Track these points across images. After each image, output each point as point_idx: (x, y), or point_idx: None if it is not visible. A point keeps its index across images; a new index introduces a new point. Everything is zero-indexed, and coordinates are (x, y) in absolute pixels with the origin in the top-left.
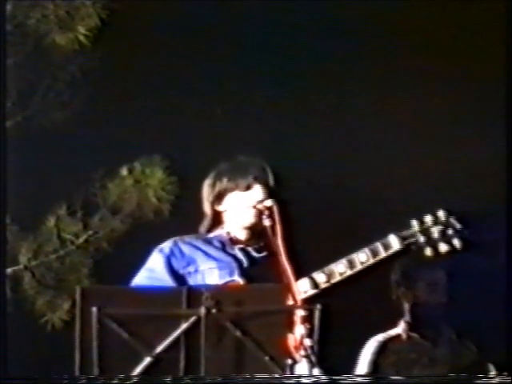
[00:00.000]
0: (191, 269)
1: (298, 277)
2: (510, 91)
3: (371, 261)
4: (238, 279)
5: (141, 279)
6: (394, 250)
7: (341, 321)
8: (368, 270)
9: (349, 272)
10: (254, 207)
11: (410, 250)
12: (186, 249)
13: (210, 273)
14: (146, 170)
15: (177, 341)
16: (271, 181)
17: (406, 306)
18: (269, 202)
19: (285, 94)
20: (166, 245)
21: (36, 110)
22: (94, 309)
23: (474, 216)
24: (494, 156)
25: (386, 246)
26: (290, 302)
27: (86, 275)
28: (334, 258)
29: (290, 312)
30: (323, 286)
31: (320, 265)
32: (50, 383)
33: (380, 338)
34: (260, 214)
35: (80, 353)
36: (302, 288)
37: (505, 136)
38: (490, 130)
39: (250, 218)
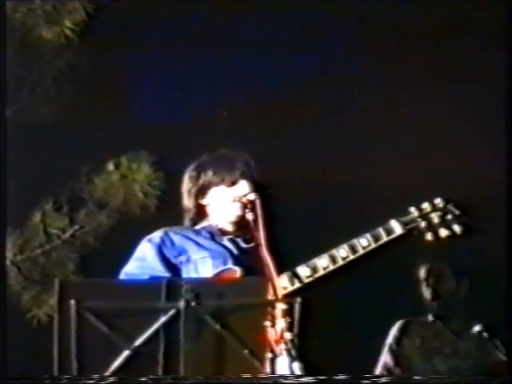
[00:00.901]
0: (183, 258)
1: (281, 270)
2: (510, 91)
3: (373, 245)
4: (235, 268)
5: (131, 269)
6: (396, 235)
7: (321, 314)
8: (349, 264)
9: (351, 257)
10: (238, 201)
11: (411, 234)
12: (176, 238)
13: (202, 262)
14: (133, 165)
15: (156, 334)
16: (255, 175)
17: (432, 297)
18: (251, 196)
19: (270, 88)
20: (156, 234)
21: (23, 104)
22: (73, 302)
23: (472, 204)
24: (493, 150)
25: (388, 231)
26: (271, 295)
27: (73, 270)
28: (319, 251)
29: (270, 306)
30: (323, 272)
31: (304, 258)
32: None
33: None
34: (244, 207)
35: (59, 346)
36: (301, 275)
37: (504, 130)
38: (489, 123)
39: (234, 212)
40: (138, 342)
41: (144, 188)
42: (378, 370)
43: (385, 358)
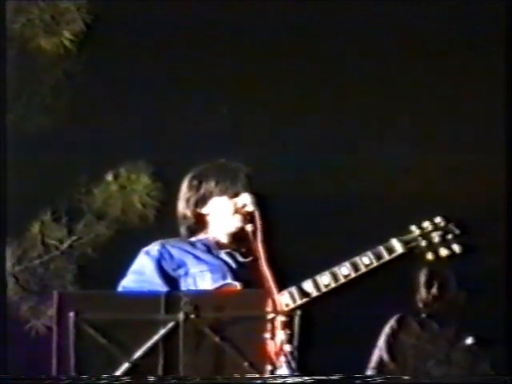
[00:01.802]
0: (181, 272)
1: (280, 284)
2: (510, 91)
3: (375, 264)
4: (234, 283)
5: (129, 283)
6: (397, 254)
7: (321, 327)
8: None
9: (353, 275)
10: (238, 212)
11: (412, 253)
12: (174, 251)
13: (201, 276)
14: (132, 176)
15: (155, 346)
16: (255, 187)
17: (426, 303)
18: (251, 208)
19: (271, 98)
20: (154, 247)
21: (21, 114)
22: (72, 314)
23: (471, 222)
24: (493, 161)
25: (390, 250)
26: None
27: (71, 281)
28: (319, 265)
29: (269, 318)
30: (325, 290)
31: (304, 271)
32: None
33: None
34: (243, 219)
35: (57, 358)
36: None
37: (504, 141)
38: (489, 134)
39: (234, 224)
40: (136, 355)
41: (143, 198)
42: (372, 365)
43: (380, 351)
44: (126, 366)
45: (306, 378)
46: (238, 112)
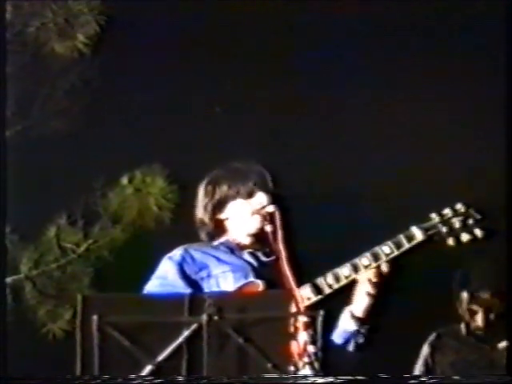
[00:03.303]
0: (204, 274)
1: (302, 282)
2: (510, 91)
3: (395, 253)
4: (257, 281)
5: (153, 287)
6: (417, 241)
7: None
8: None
9: (374, 265)
10: (257, 213)
11: (432, 240)
12: (196, 255)
13: (223, 276)
14: (147, 179)
15: (179, 348)
16: (271, 186)
17: (465, 309)
18: (270, 208)
19: (283, 98)
20: (177, 252)
21: (35, 119)
22: (95, 317)
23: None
24: (495, 156)
25: (410, 238)
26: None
27: (87, 284)
28: (340, 261)
29: (293, 318)
30: (345, 281)
31: (325, 269)
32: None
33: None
34: (263, 219)
35: (81, 362)
36: (324, 284)
37: (505, 132)
38: (490, 128)
39: (253, 225)
40: (160, 357)
41: (158, 201)
42: None
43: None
44: (149, 368)
45: (341, 378)
46: (253, 113)
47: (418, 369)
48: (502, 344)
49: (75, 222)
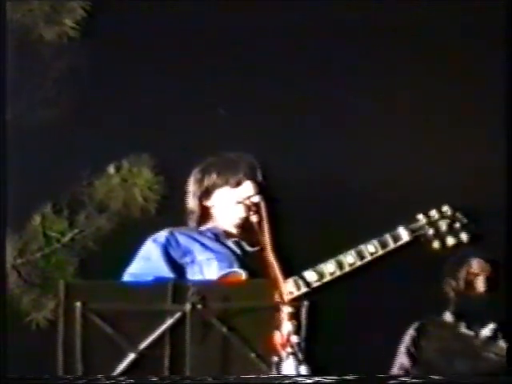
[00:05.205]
0: (188, 259)
1: (287, 274)
2: (510, 91)
3: (380, 252)
4: (240, 271)
5: (136, 269)
6: (403, 242)
7: (328, 317)
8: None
9: (358, 263)
10: (243, 203)
11: (418, 242)
12: (181, 239)
13: (208, 264)
14: (134, 169)
15: (162, 337)
16: (260, 177)
17: (452, 296)
18: (256, 198)
19: (273, 90)
20: (162, 234)
21: (23, 108)
22: (78, 303)
23: (477, 211)
24: (494, 154)
25: (396, 238)
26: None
27: (72, 274)
28: (325, 255)
29: (276, 309)
30: (329, 277)
31: (310, 262)
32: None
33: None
34: (248, 209)
35: (63, 349)
36: (308, 280)
37: (505, 132)
38: (489, 128)
39: (238, 214)
40: (143, 345)
41: (144, 192)
42: (395, 371)
43: (401, 359)
44: (132, 356)
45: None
46: (239, 105)
47: (400, 353)
48: (486, 331)
49: (61, 211)
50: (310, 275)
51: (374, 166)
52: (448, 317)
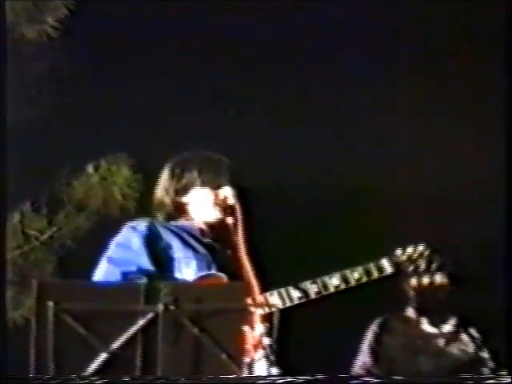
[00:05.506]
0: (168, 253)
1: (260, 278)
2: (510, 91)
3: (364, 279)
4: (220, 274)
5: (115, 254)
6: (386, 274)
7: (300, 319)
8: None
9: (343, 286)
10: (218, 204)
11: (400, 275)
12: (162, 232)
13: (186, 263)
14: (112, 168)
15: (134, 337)
16: (238, 180)
17: (412, 293)
18: (232, 201)
19: (255, 91)
20: (141, 223)
21: (5, 107)
22: (51, 303)
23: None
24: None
25: (380, 269)
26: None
27: (50, 272)
28: (301, 260)
29: (249, 311)
30: (314, 296)
31: (285, 267)
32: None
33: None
34: (224, 211)
35: (36, 348)
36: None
37: (505, 132)
38: (489, 128)
39: (214, 215)
40: (115, 345)
41: (123, 190)
42: (356, 370)
43: (363, 357)
44: (104, 356)
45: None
46: (220, 106)
47: (361, 352)
48: (448, 327)
49: (39, 209)
50: (295, 293)
51: (363, 166)
52: (410, 312)
